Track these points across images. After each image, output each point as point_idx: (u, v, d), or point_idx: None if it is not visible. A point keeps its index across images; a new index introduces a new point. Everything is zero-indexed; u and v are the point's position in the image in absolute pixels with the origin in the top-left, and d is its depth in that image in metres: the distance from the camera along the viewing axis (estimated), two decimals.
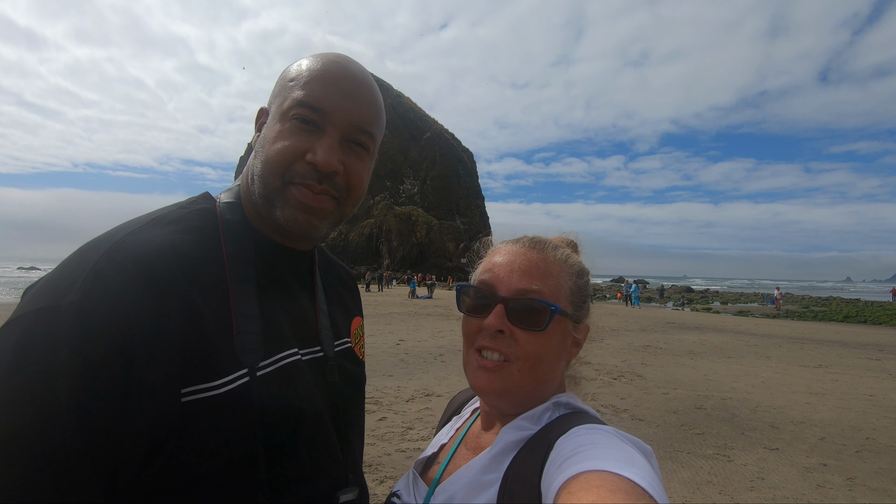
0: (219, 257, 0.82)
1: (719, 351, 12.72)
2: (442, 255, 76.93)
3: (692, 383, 8.67)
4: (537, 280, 0.86)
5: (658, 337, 15.32)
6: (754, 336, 16.70)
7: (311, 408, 0.85)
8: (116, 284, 0.66)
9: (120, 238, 0.73)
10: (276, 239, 0.93)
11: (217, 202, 0.93)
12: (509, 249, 0.92)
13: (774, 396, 7.88)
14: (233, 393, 0.73)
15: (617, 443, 0.69)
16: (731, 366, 10.58)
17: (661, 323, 20.42)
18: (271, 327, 0.83)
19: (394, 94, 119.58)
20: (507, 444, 0.82)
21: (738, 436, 5.86)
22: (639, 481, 0.60)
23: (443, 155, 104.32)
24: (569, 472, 0.63)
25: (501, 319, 0.84)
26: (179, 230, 0.80)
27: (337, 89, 0.86)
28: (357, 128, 0.88)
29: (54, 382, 0.58)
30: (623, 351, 12.09)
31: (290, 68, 0.91)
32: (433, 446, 1.03)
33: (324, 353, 0.95)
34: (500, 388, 0.84)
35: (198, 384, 0.71)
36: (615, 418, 6.39)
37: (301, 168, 0.84)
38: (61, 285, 0.65)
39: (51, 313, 0.62)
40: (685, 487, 4.39)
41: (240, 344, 0.76)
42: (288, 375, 0.83)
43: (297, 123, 0.85)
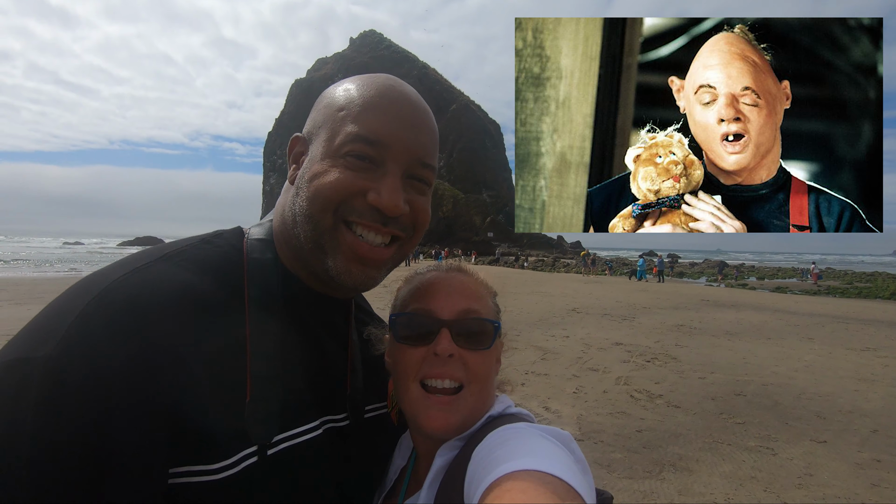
0: (238, 304, 0.71)
1: (758, 331, 12.30)
2: (468, 228, 76.65)
3: (730, 366, 8.41)
4: (473, 300, 0.85)
5: (692, 315, 14.93)
6: (794, 315, 16.12)
7: (326, 495, 0.76)
8: (101, 338, 0.56)
9: (119, 277, 0.63)
10: (312, 284, 0.83)
11: (245, 238, 0.82)
12: (435, 275, 0.89)
13: (820, 382, 7.57)
14: (236, 479, 0.62)
15: (527, 439, 0.68)
16: (771, 347, 10.23)
17: (694, 300, 19.92)
18: (292, 393, 0.73)
19: (419, 65, 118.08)
20: (438, 468, 0.79)
21: (781, 426, 5.64)
22: (546, 469, 0.59)
23: (469, 127, 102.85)
24: (483, 484, 0.61)
25: (450, 343, 0.80)
26: (194, 269, 0.70)
27: (397, 119, 0.76)
28: (420, 162, 0.78)
29: (15, 451, 0.50)
30: (656, 330, 11.82)
31: (336, 94, 0.79)
32: (393, 470, 0.95)
33: (350, 421, 0.85)
34: (457, 422, 0.79)
35: (192, 465, 0.60)
36: (650, 405, 6.25)
37: (359, 205, 0.74)
38: (42, 333, 0.57)
39: (22, 367, 0.54)
40: (727, 483, 4.24)
41: (252, 413, 0.66)
42: (306, 455, 0.72)
43: (352, 161, 0.74)
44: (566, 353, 9.07)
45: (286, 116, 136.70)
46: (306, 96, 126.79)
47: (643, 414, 5.92)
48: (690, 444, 5.04)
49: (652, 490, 4.08)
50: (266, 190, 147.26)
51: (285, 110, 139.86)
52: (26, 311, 13.00)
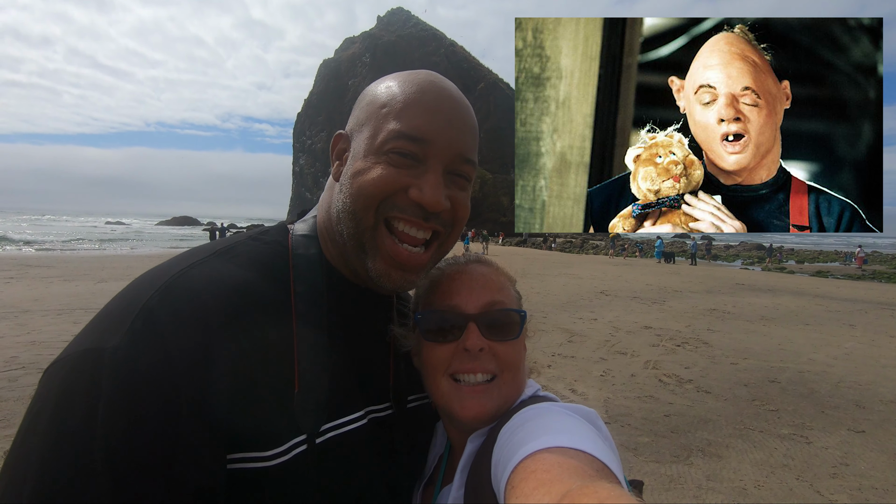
0: (286, 299, 0.75)
1: (795, 316, 11.91)
2: (496, 209, 76.18)
3: (765, 353, 8.20)
4: (497, 292, 0.87)
5: (726, 300, 14.56)
6: (835, 300, 15.50)
7: (372, 479, 0.79)
8: (165, 328, 0.60)
9: (178, 272, 0.67)
10: (354, 279, 0.85)
11: (290, 234, 0.85)
12: (456, 268, 0.90)
13: (860, 371, 7.31)
14: (287, 466, 0.66)
15: (548, 416, 0.69)
16: (809, 334, 9.90)
17: (728, 284, 19.37)
18: (338, 384, 0.75)
19: (447, 43, 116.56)
20: (469, 453, 0.81)
21: (817, 414, 5.50)
22: (568, 444, 0.60)
23: (497, 105, 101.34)
24: (508, 468, 0.62)
25: (479, 337, 0.82)
26: (245, 265, 0.73)
27: (438, 116, 0.77)
28: (461, 157, 0.80)
29: (91, 436, 0.54)
30: (687, 315, 11.59)
31: (378, 92, 0.81)
32: (432, 458, 0.98)
33: (395, 411, 0.87)
34: (493, 408, 0.81)
35: (248, 451, 0.64)
36: (679, 390, 6.18)
37: (401, 202, 0.76)
38: (110, 324, 0.61)
39: (94, 357, 0.58)
40: (758, 470, 4.19)
41: (301, 404, 0.69)
42: (352, 444, 0.75)
43: (394, 157, 0.75)
44: (594, 335, 9.02)
45: (314, 97, 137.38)
46: (334, 76, 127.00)
47: (672, 398, 5.88)
48: (720, 430, 4.99)
49: (679, 475, 4.08)
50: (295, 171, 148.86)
51: (314, 91, 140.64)
52: (74, 287, 13.75)
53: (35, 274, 16.75)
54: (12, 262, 21.85)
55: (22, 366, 6.41)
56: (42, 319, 9.23)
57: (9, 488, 0.54)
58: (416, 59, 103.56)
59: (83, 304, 10.84)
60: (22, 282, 14.65)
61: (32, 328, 8.52)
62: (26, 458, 0.55)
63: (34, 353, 6.94)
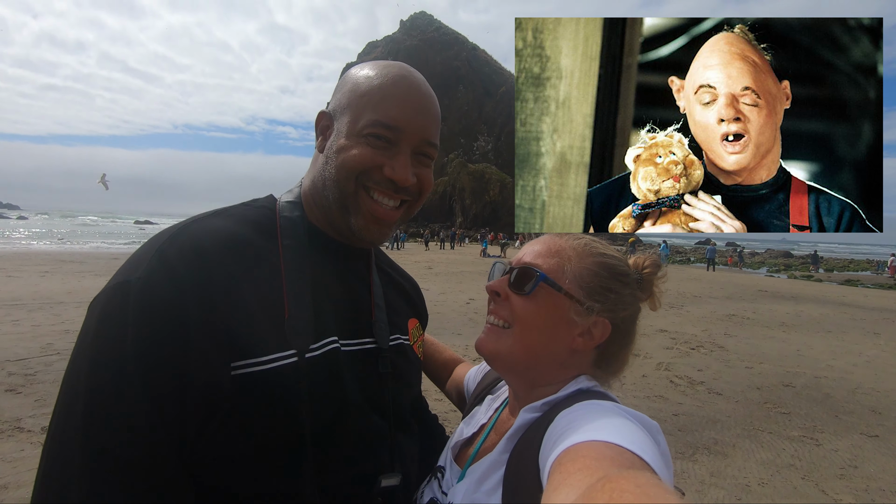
0: (274, 248, 0.89)
1: (817, 324, 11.65)
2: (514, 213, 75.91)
3: (781, 358, 8.05)
4: (541, 257, 0.94)
5: (746, 306, 14.30)
6: (862, 309, 15.11)
7: (356, 395, 0.91)
8: (175, 263, 0.76)
9: (184, 225, 0.84)
10: (335, 237, 0.99)
11: (278, 202, 1.00)
12: (544, 237, 1.02)
13: (880, 378, 7.13)
14: (281, 370, 0.79)
15: (613, 416, 0.70)
16: (829, 341, 9.69)
17: (751, 290, 19.02)
18: (324, 315, 0.89)
19: (469, 47, 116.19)
20: (520, 424, 0.86)
21: (830, 419, 5.40)
22: (628, 445, 0.60)
23: None
24: (561, 446, 0.64)
25: (501, 284, 0.94)
26: (238, 222, 0.89)
27: (410, 107, 0.92)
28: (426, 141, 0.95)
29: (125, 346, 0.70)
30: (704, 319, 11.42)
31: (358, 80, 0.95)
32: (472, 426, 1.06)
33: (377, 344, 0.99)
34: (492, 349, 0.92)
35: (246, 359, 0.77)
36: (690, 391, 6.12)
37: (377, 176, 0.91)
38: (134, 264, 0.78)
39: (123, 288, 0.74)
40: (763, 469, 4.14)
41: (291, 327, 0.83)
42: (334, 361, 0.88)
43: (371, 139, 0.90)
44: None
45: None
46: None
47: (681, 399, 5.82)
48: (728, 431, 4.93)
49: (683, 471, 4.06)
50: None
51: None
52: (104, 281, 14.16)
53: (68, 269, 17.34)
54: (47, 256, 22.64)
55: (57, 352, 6.73)
56: (75, 310, 9.59)
57: (67, 393, 0.70)
58: (438, 63, 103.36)
59: None
60: (56, 276, 15.22)
61: (66, 318, 8.89)
62: (77, 369, 0.71)
63: (68, 341, 7.25)
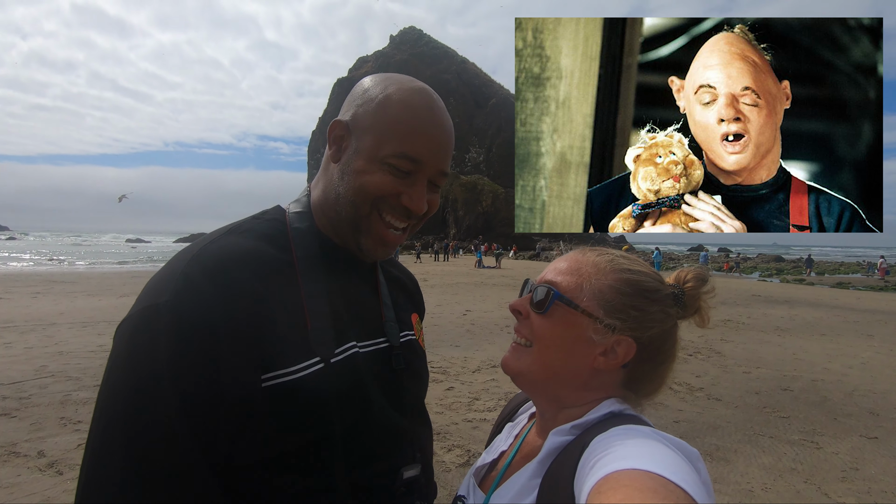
0: (290, 260, 0.92)
1: (811, 327, 11.70)
2: (508, 224, 75.96)
3: (778, 362, 8.07)
4: (561, 274, 0.92)
5: (741, 311, 14.35)
6: (855, 311, 15.20)
7: (377, 393, 0.94)
8: (200, 285, 0.77)
9: (203, 246, 0.85)
10: (344, 246, 1.02)
11: (287, 212, 1.02)
12: (567, 253, 0.99)
13: (876, 380, 7.16)
14: (308, 378, 0.82)
15: (652, 443, 0.67)
16: (824, 344, 9.73)
17: (744, 295, 19.11)
18: (342, 322, 0.92)
19: (458, 60, 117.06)
20: (551, 447, 0.83)
21: (829, 421, 5.40)
22: (670, 476, 0.57)
23: (509, 121, 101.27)
24: (599, 473, 0.62)
25: (523, 303, 0.94)
26: (254, 237, 0.91)
27: (435, 143, 0.95)
28: (441, 172, 0.98)
29: (158, 368, 0.71)
30: None
31: (387, 105, 0.94)
32: (492, 452, 1.05)
33: (389, 343, 1.02)
34: (514, 367, 0.92)
35: (275, 371, 0.79)
36: (689, 397, 6.10)
37: (393, 202, 0.94)
38: (159, 287, 0.78)
39: (151, 312, 0.75)
40: (766, 474, 4.12)
41: (315, 338, 0.85)
42: (355, 364, 0.91)
43: (392, 168, 0.92)
44: None
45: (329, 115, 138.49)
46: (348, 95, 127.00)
47: (681, 406, 5.80)
48: (729, 436, 4.91)
49: None
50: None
51: (328, 109, 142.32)
52: (97, 301, 14.03)
53: (60, 289, 17.10)
54: (38, 277, 22.35)
55: (51, 374, 6.56)
56: (68, 331, 9.45)
57: (105, 415, 0.72)
58: (428, 76, 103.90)
59: (107, 317, 11.08)
60: (48, 296, 14.97)
61: (59, 339, 8.73)
62: (114, 392, 0.72)
63: (62, 363, 7.11)
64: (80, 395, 5.65)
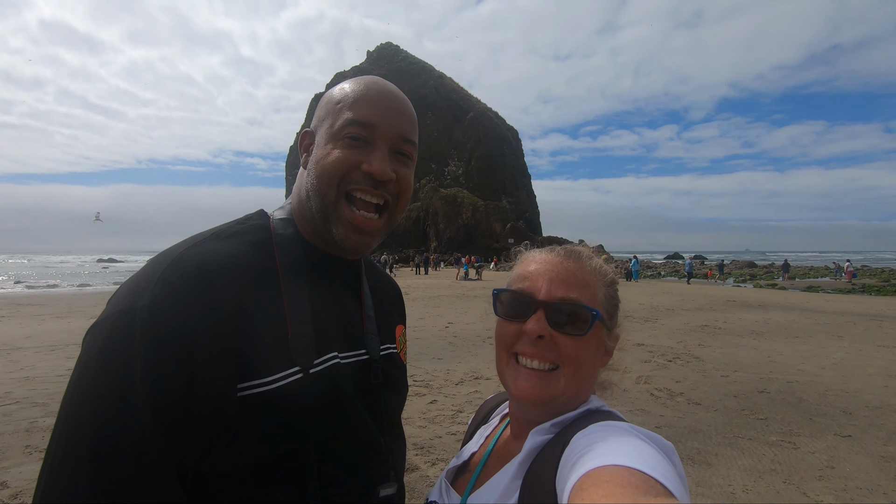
0: (273, 267, 0.89)
1: (785, 330, 12.00)
2: (489, 236, 76.52)
3: (754, 365, 8.24)
4: (575, 289, 0.87)
5: (717, 316, 14.65)
6: (825, 314, 15.63)
7: (355, 406, 0.91)
8: (179, 290, 0.75)
9: (184, 249, 0.82)
10: (327, 251, 1.00)
11: (271, 218, 1.00)
12: (545, 258, 0.93)
13: (847, 379, 7.36)
14: (286, 388, 0.80)
15: (632, 439, 0.68)
16: (798, 346, 9.97)
17: (720, 301, 19.51)
18: (323, 332, 0.90)
19: (435, 75, 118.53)
20: (532, 447, 0.82)
21: (805, 422, 5.53)
22: (650, 472, 0.59)
23: (486, 134, 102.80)
24: (580, 470, 0.63)
25: (542, 324, 0.84)
26: (236, 243, 0.88)
27: (382, 106, 0.95)
28: (402, 138, 0.97)
29: (131, 374, 0.69)
30: (679, 331, 11.63)
31: (333, 93, 0.99)
32: (463, 455, 1.04)
33: (369, 356, 1.00)
34: (545, 396, 0.84)
35: (252, 380, 0.77)
36: (670, 402, 6.18)
37: (356, 176, 0.92)
38: (136, 291, 0.76)
39: (128, 315, 0.72)
40: (746, 475, 4.19)
41: (295, 346, 0.83)
42: (334, 375, 0.89)
43: (348, 141, 0.92)
44: None
45: None
46: None
47: (662, 411, 5.87)
48: (710, 440, 4.99)
49: None
50: None
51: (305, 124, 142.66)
52: (67, 323, 13.56)
53: (26, 312, 16.51)
54: (3, 300, 21.48)
55: (16, 400, 6.31)
56: (35, 356, 9.11)
57: (69, 422, 0.68)
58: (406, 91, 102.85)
59: (76, 339, 10.68)
60: (13, 320, 14.44)
61: (26, 364, 8.42)
62: (80, 398, 0.69)
63: (28, 389, 6.85)
64: (47, 422, 5.43)
